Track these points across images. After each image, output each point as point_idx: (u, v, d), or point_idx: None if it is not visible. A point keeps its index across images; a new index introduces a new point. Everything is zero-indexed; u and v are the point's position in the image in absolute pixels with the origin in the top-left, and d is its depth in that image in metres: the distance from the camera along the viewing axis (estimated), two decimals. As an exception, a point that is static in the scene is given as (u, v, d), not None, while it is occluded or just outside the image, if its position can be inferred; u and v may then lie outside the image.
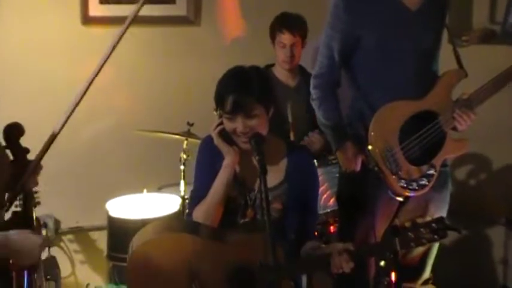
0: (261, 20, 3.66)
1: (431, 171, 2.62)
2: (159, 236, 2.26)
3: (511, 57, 2.98)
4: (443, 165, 2.76)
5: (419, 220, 2.56)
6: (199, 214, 2.34)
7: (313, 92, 2.82)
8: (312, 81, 2.83)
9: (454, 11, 3.25)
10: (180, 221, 3.19)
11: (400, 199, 2.64)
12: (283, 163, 2.41)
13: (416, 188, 2.61)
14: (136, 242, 2.25)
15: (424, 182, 2.62)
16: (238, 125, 2.26)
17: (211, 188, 2.33)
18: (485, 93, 2.61)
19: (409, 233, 2.19)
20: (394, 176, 2.59)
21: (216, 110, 2.34)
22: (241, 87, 2.26)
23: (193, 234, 2.24)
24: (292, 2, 3.95)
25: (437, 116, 2.63)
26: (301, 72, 3.68)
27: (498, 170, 3.82)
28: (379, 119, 2.62)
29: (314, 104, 2.83)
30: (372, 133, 2.61)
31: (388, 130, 2.62)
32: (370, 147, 2.60)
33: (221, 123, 2.33)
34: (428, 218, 2.73)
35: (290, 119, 3.55)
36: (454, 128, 2.66)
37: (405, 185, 2.61)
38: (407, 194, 2.62)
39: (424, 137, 2.63)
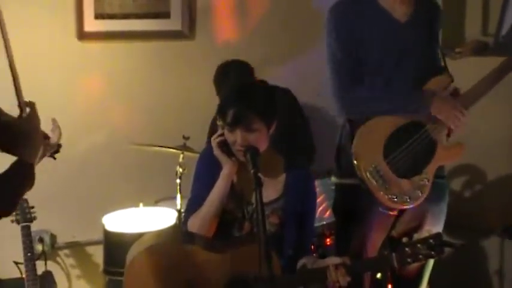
0: (257, 35, 3.67)
1: (424, 182, 2.60)
2: (155, 246, 2.26)
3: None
4: (441, 176, 2.75)
5: (416, 236, 2.55)
6: (194, 223, 2.33)
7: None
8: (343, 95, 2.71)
9: (447, 23, 3.28)
10: (176, 232, 3.19)
11: (394, 213, 2.63)
12: (282, 178, 2.41)
13: (409, 200, 2.59)
14: (132, 253, 2.25)
15: (417, 193, 2.59)
16: (237, 137, 2.27)
17: (208, 198, 2.33)
18: (478, 91, 2.59)
19: (406, 249, 2.16)
20: (381, 192, 2.57)
21: (219, 121, 2.35)
22: (244, 101, 2.26)
23: (189, 245, 2.24)
24: (287, 16, 3.98)
25: (424, 125, 2.62)
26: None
27: (493, 180, 3.83)
28: (361, 136, 2.60)
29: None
30: (355, 150, 2.59)
31: (372, 146, 2.59)
32: (355, 162, 2.58)
33: (222, 134, 2.33)
34: (425, 229, 2.75)
35: None
36: (449, 135, 2.65)
37: (396, 199, 2.58)
38: (402, 207, 2.60)
39: (412, 147, 2.60)
